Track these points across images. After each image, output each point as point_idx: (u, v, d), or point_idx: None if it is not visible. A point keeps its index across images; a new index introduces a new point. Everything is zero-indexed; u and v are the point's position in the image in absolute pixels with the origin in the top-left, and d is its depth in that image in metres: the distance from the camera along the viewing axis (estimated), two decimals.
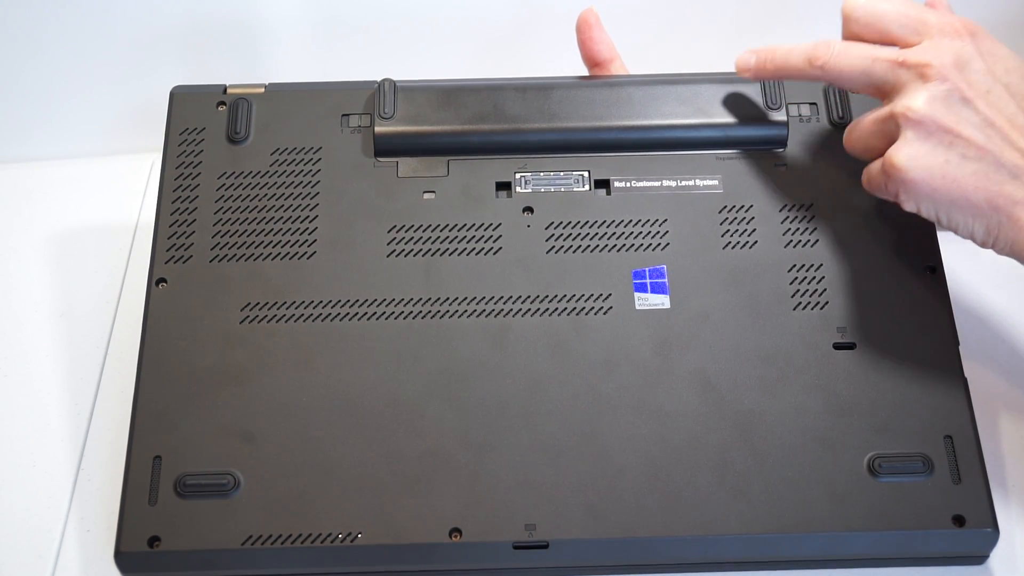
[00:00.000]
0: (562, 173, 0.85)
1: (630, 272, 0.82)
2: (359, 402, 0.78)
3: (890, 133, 0.77)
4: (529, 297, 0.81)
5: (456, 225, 0.83)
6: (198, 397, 0.78)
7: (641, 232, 0.83)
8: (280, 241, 0.83)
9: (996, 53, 0.76)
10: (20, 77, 1.06)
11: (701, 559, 0.76)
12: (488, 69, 1.06)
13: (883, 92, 0.77)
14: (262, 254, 0.82)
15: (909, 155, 0.75)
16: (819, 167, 0.85)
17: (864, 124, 0.79)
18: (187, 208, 0.84)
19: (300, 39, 1.06)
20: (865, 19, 0.78)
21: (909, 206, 0.77)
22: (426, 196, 0.84)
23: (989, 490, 0.76)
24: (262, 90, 0.88)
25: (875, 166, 0.78)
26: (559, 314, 0.81)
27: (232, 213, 0.84)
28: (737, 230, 0.83)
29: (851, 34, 0.79)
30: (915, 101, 0.75)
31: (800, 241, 0.83)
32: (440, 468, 0.76)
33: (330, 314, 0.80)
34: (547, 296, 0.81)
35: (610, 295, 0.81)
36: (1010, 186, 0.73)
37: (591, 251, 0.82)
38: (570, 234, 0.83)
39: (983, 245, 0.76)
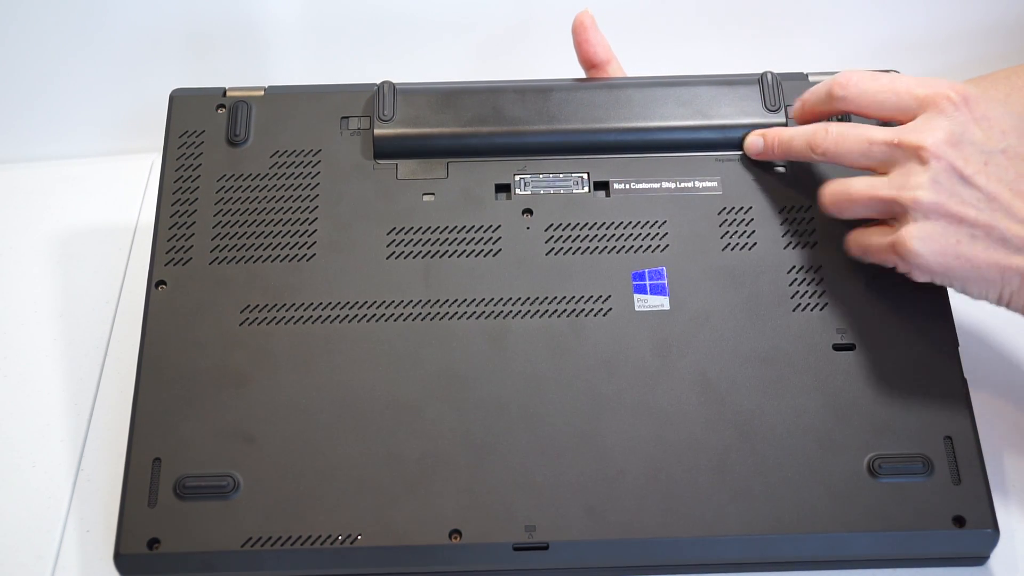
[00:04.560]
0: (561, 175, 0.85)
1: (629, 273, 0.82)
2: (359, 403, 0.78)
3: (891, 213, 0.77)
4: (529, 299, 0.81)
5: (455, 227, 0.83)
6: (198, 399, 0.78)
7: (640, 234, 0.83)
8: (280, 243, 0.83)
9: (990, 117, 0.77)
10: (20, 77, 1.06)
11: (701, 560, 0.76)
12: (486, 72, 1.06)
13: (881, 170, 0.78)
14: (262, 256, 0.82)
15: (921, 239, 0.76)
16: (818, 169, 0.85)
17: (859, 198, 0.78)
18: (187, 211, 0.84)
19: (300, 42, 1.06)
20: (856, 100, 0.79)
21: (922, 279, 0.78)
22: (425, 198, 0.84)
23: (989, 491, 0.76)
24: (262, 93, 0.88)
25: (874, 239, 0.79)
26: (559, 315, 0.81)
27: (232, 215, 0.84)
28: (736, 231, 0.83)
29: (842, 111, 0.81)
30: (919, 189, 0.75)
31: (799, 242, 0.83)
32: (440, 469, 0.76)
33: (330, 316, 0.80)
34: (547, 298, 0.81)
35: (610, 296, 0.81)
36: (1016, 258, 0.75)
37: (590, 253, 0.82)
38: (569, 236, 0.83)
39: (997, 305, 0.78)
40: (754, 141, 0.85)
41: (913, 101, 0.78)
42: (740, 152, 0.85)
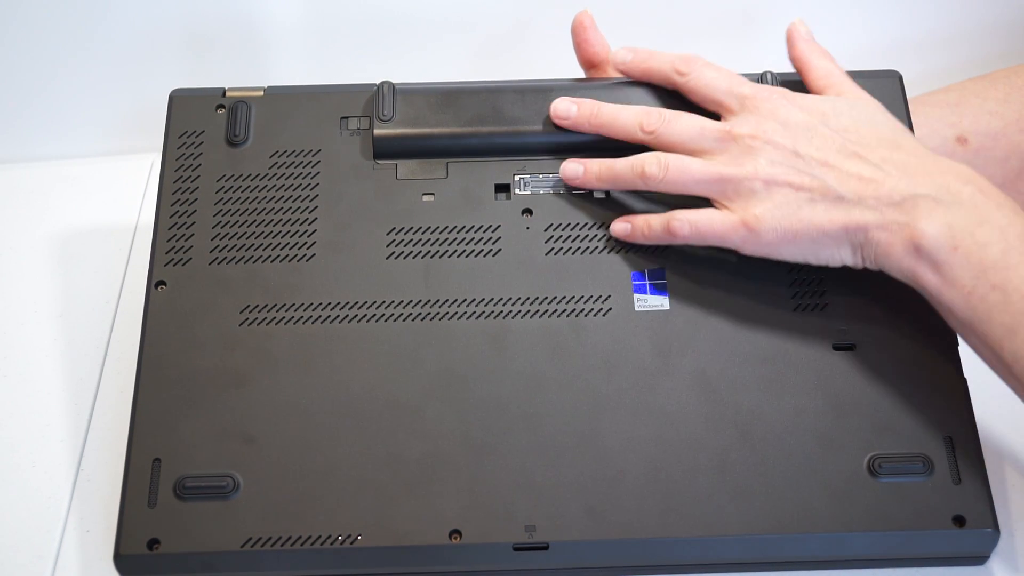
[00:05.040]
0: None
1: (629, 273, 0.82)
2: (359, 404, 0.78)
3: (723, 193, 0.80)
4: (528, 299, 0.81)
5: (455, 227, 0.83)
6: (197, 399, 0.78)
7: None
8: (279, 243, 0.83)
9: (807, 103, 0.81)
10: (20, 77, 1.06)
11: (701, 560, 0.76)
12: (486, 72, 1.06)
13: (709, 156, 0.81)
14: (261, 256, 0.82)
15: (765, 209, 0.78)
16: None
17: (701, 176, 0.80)
18: (186, 211, 0.84)
19: (299, 42, 1.06)
20: (693, 82, 0.83)
21: (768, 253, 0.79)
22: (425, 198, 0.84)
23: (989, 490, 0.76)
24: (261, 93, 0.88)
25: (716, 219, 0.80)
26: (558, 316, 0.81)
27: (231, 216, 0.84)
28: None
29: (672, 86, 0.84)
30: (757, 166, 0.79)
31: None
32: (440, 469, 0.76)
33: (330, 316, 0.80)
34: (546, 298, 0.81)
35: (609, 296, 0.81)
36: (856, 211, 0.77)
37: (590, 253, 0.82)
38: (569, 236, 0.83)
39: (856, 266, 0.79)
40: (565, 107, 0.85)
41: (737, 99, 0.81)
42: None
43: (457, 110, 0.86)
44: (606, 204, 0.84)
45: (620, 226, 0.83)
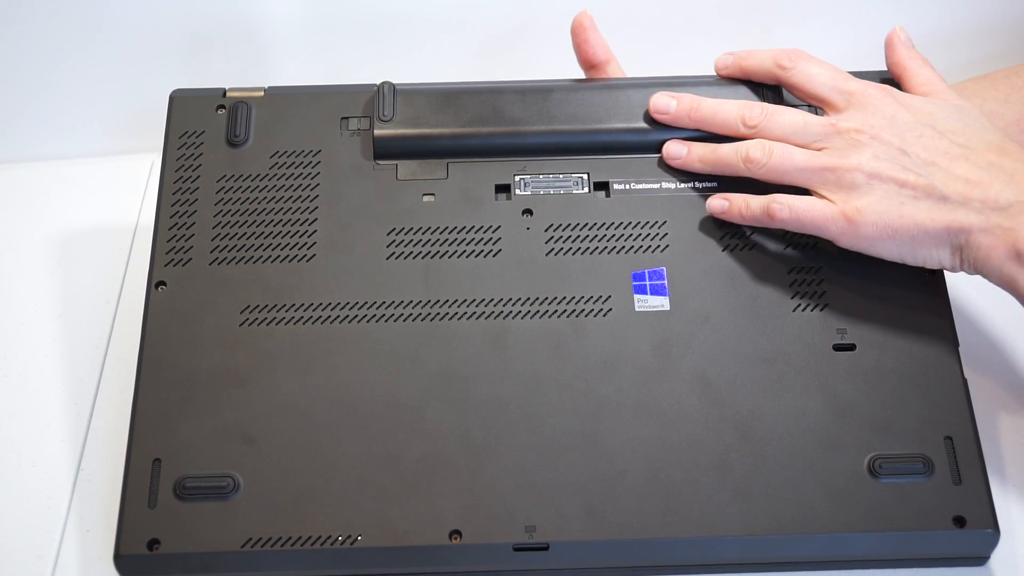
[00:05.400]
0: (561, 175, 0.85)
1: (630, 274, 0.82)
2: (359, 404, 0.78)
3: (823, 183, 0.80)
4: (529, 299, 0.81)
5: (455, 227, 0.83)
6: (198, 400, 0.78)
7: (640, 234, 0.83)
8: (280, 244, 0.83)
9: (914, 103, 0.81)
10: (20, 77, 1.06)
11: (701, 561, 0.76)
12: (486, 72, 1.06)
13: (813, 148, 0.81)
14: (262, 256, 0.82)
15: (868, 202, 0.78)
16: None
17: (804, 165, 0.80)
18: (187, 211, 0.84)
19: (300, 42, 1.06)
20: (797, 76, 0.83)
21: (865, 247, 0.79)
22: (425, 198, 0.84)
23: (989, 491, 0.76)
24: (261, 93, 0.88)
25: (817, 207, 0.80)
26: (559, 316, 0.81)
27: (232, 216, 0.84)
28: (736, 231, 0.83)
29: (777, 82, 0.85)
30: (862, 158, 0.79)
31: (799, 242, 0.83)
32: (440, 470, 0.76)
33: (330, 316, 0.80)
34: (547, 298, 0.81)
35: (610, 297, 0.81)
36: (959, 212, 0.77)
37: (590, 253, 0.82)
38: (569, 236, 0.83)
39: (953, 269, 0.79)
40: (665, 102, 0.85)
41: (843, 94, 0.82)
42: None
43: (457, 110, 0.86)
44: (606, 205, 0.84)
45: (717, 202, 0.83)
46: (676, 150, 0.84)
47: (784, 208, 0.80)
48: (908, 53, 0.85)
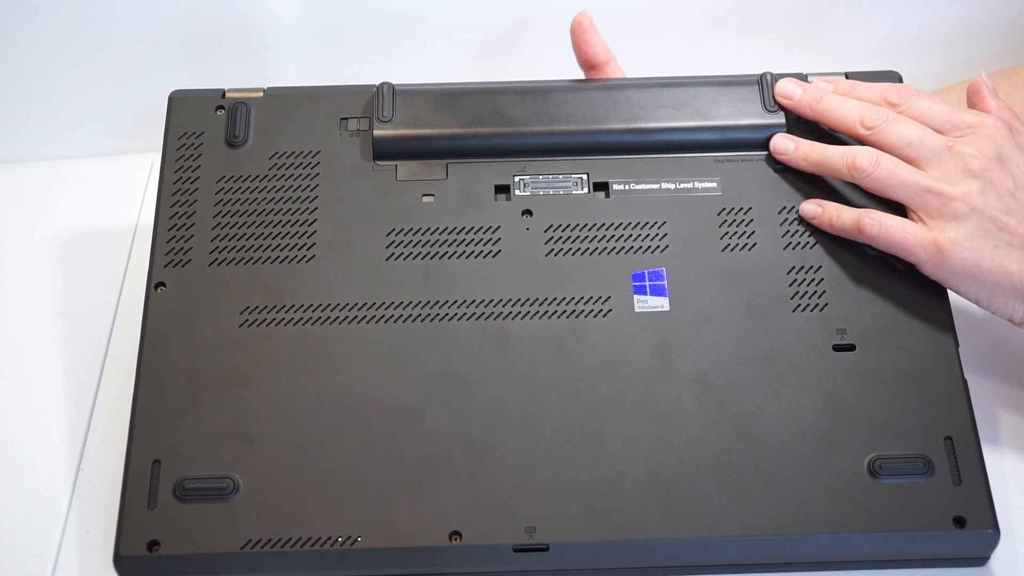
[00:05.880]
0: (561, 176, 0.85)
1: (629, 274, 0.82)
2: (359, 405, 0.78)
3: (923, 206, 0.79)
4: (528, 300, 0.81)
5: (455, 228, 0.83)
6: (197, 401, 0.78)
7: (640, 235, 0.83)
8: (279, 244, 0.83)
9: None
10: (20, 77, 1.06)
11: (702, 561, 0.76)
12: (486, 72, 1.06)
13: (922, 166, 0.80)
14: (261, 257, 0.82)
15: (963, 236, 0.77)
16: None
17: (908, 181, 0.79)
18: (186, 212, 0.84)
19: (299, 42, 1.06)
20: (912, 113, 0.81)
21: (946, 279, 0.79)
22: (425, 199, 0.84)
23: (990, 491, 0.76)
24: (261, 94, 0.88)
25: (909, 229, 0.79)
26: (558, 317, 0.81)
27: (231, 217, 0.84)
28: (736, 232, 0.83)
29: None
30: (971, 189, 0.77)
31: (799, 243, 0.83)
32: (440, 471, 0.76)
33: (329, 317, 0.80)
34: (546, 299, 0.81)
35: (609, 297, 0.81)
36: None
37: (590, 254, 0.82)
38: (569, 237, 0.83)
39: (1021, 325, 0.79)
40: (790, 89, 0.84)
41: (963, 124, 0.80)
42: (739, 153, 0.85)
43: (457, 111, 0.86)
44: (606, 205, 0.84)
45: (810, 208, 0.83)
46: (784, 145, 0.84)
47: (875, 224, 0.79)
48: (997, 103, 0.83)
